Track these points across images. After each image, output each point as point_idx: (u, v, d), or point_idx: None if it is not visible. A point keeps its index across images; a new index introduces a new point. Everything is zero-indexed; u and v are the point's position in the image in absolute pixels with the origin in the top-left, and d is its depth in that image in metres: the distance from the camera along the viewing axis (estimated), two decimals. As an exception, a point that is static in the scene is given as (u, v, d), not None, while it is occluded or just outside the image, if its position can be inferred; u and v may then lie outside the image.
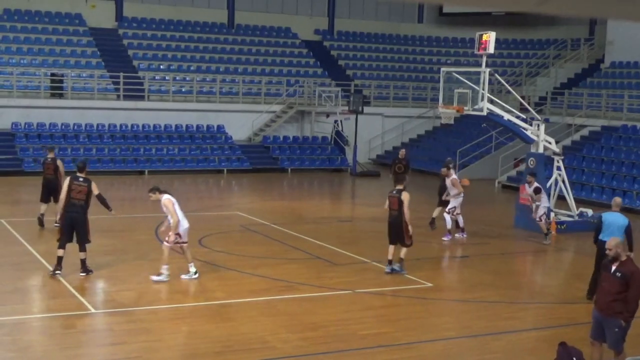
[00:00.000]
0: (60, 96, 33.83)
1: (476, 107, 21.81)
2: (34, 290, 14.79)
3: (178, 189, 28.59)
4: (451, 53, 45.07)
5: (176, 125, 34.48)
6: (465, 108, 22.11)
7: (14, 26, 36.24)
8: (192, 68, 37.92)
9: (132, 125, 33.73)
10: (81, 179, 15.32)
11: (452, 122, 24.29)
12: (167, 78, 36.42)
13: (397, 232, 15.80)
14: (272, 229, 20.68)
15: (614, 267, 10.05)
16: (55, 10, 37.84)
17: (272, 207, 24.97)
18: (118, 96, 34.73)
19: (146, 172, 31.63)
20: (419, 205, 26.35)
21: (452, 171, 20.68)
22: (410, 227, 15.69)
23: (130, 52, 37.64)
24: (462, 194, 20.26)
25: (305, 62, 40.96)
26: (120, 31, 38.96)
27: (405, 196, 15.66)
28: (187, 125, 34.60)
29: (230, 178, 32.17)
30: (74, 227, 15.08)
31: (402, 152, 27.82)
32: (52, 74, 33.88)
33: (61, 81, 33.92)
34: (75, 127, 32.76)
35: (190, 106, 35.34)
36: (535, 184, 20.47)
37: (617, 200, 14.62)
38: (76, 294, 13.93)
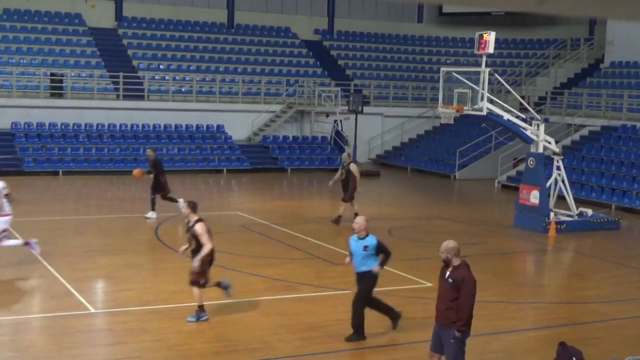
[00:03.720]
0: (60, 96, 33.82)
1: (476, 107, 21.81)
2: (34, 290, 14.79)
3: (178, 189, 28.59)
4: (451, 53, 45.08)
5: (176, 125, 34.48)
6: (465, 108, 22.12)
7: (13, 26, 36.23)
8: (191, 68, 37.92)
9: (132, 125, 33.73)
10: None
11: (452, 122, 24.29)
12: (166, 78, 36.42)
13: None
14: (272, 229, 20.68)
15: (447, 273, 9.52)
16: (55, 10, 37.84)
17: (271, 207, 24.98)
18: (118, 96, 34.72)
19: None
20: (419, 206, 26.40)
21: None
22: None
23: (130, 52, 37.64)
24: None
25: (304, 62, 40.97)
26: (120, 31, 38.97)
27: None
28: (186, 125, 34.60)
29: (229, 178, 32.18)
30: None
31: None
32: (52, 74, 33.87)
33: (61, 81, 33.91)
34: (75, 127, 32.77)
35: (189, 106, 35.34)
36: None
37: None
38: (76, 293, 13.93)
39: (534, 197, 21.98)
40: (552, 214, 22.01)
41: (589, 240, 21.21)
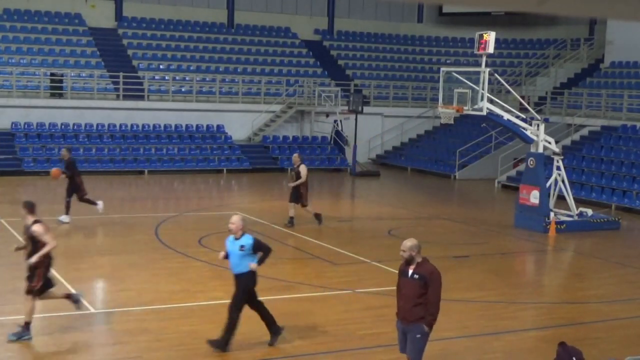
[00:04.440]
0: (60, 96, 33.82)
1: (476, 107, 21.81)
2: (34, 290, 14.77)
3: (178, 189, 28.63)
4: (451, 53, 45.09)
5: (176, 125, 34.48)
6: (465, 108, 22.13)
7: (13, 26, 36.23)
8: (191, 68, 37.92)
9: (132, 125, 33.73)
10: None
11: (452, 122, 24.29)
12: (166, 78, 36.42)
13: None
14: (272, 229, 20.67)
15: (411, 271, 9.47)
16: (55, 10, 37.83)
17: (271, 207, 24.96)
18: (118, 96, 34.72)
19: (146, 172, 31.63)
20: (419, 206, 26.39)
21: None
22: None
23: (130, 52, 37.64)
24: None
25: (304, 62, 40.97)
26: (120, 31, 38.96)
27: None
28: (186, 125, 34.59)
29: (229, 178, 32.18)
30: None
31: None
32: (52, 74, 33.87)
33: (61, 81, 33.91)
34: (75, 127, 32.76)
35: (189, 106, 35.34)
36: None
37: None
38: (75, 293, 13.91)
39: (534, 197, 21.98)
40: (552, 214, 22.01)
41: (589, 241, 21.20)
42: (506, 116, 22.08)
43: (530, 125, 22.35)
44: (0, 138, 31.42)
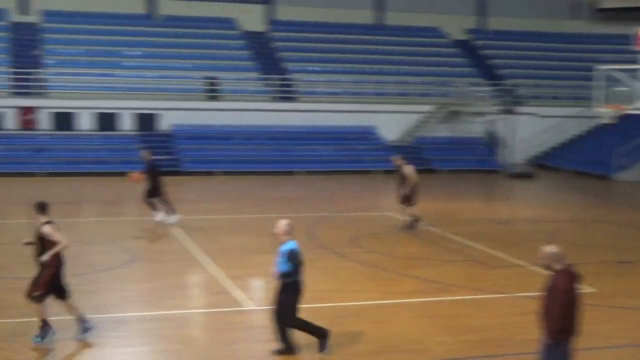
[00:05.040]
0: (217, 99, 34.87)
1: (638, 105, 20.85)
2: (196, 286, 15.26)
3: (329, 189, 28.88)
4: (608, 50, 43.26)
5: (327, 126, 34.81)
6: (626, 107, 21.20)
7: (175, 32, 37.61)
8: (342, 69, 38.18)
9: (285, 127, 34.32)
10: None
11: (615, 121, 23.31)
12: (318, 80, 36.84)
13: None
14: (425, 230, 20.47)
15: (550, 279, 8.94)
16: (210, 16, 39.02)
17: (424, 208, 24.70)
18: (270, 98, 35.43)
19: (298, 173, 32.13)
20: (577, 208, 25.45)
21: None
22: None
23: (282, 55, 38.31)
24: None
25: (456, 61, 40.44)
26: (272, 34, 39.72)
27: None
28: (337, 126, 34.86)
29: (381, 179, 32.15)
30: None
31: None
32: (208, 78, 34.99)
33: (216, 84, 34.98)
34: (232, 128, 33.66)
35: (340, 107, 35.59)
36: None
37: None
38: (237, 290, 14.25)
39: None
40: None
41: None
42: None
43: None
44: (161, 139, 32.74)
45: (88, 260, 16.70)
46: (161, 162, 31.28)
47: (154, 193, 20.45)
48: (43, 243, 11.03)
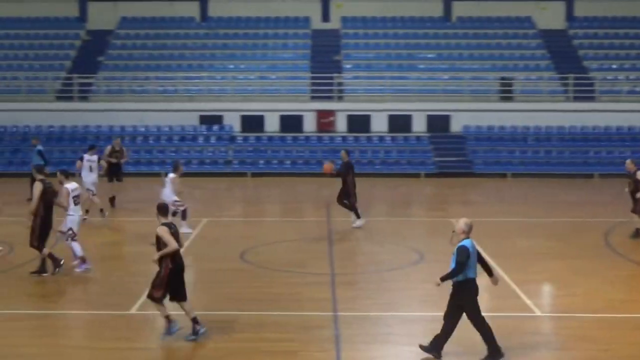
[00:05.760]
0: (510, 99, 34.25)
1: None
2: (482, 289, 15.04)
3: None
4: None
5: (629, 127, 32.84)
6: None
7: (470, 33, 37.48)
8: (646, 66, 35.78)
9: (582, 128, 32.89)
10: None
11: None
12: (619, 78, 34.89)
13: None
14: None
15: None
16: (504, 15, 38.37)
17: None
18: (567, 98, 34.15)
19: (596, 176, 30.67)
20: None
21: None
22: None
23: (581, 53, 36.71)
24: None
25: None
26: (571, 32, 38.19)
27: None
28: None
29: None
30: None
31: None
32: (502, 78, 34.48)
33: (510, 84, 34.37)
34: (524, 129, 32.90)
35: (642, 107, 33.34)
36: None
37: None
38: (521, 295, 13.87)
39: None
40: None
41: None
42: None
43: None
44: (452, 141, 32.81)
45: (377, 258, 17.14)
46: (452, 163, 31.54)
47: (345, 196, 20.03)
48: (159, 244, 11.29)
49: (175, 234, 11.36)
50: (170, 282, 11.30)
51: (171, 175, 18.67)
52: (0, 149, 32.51)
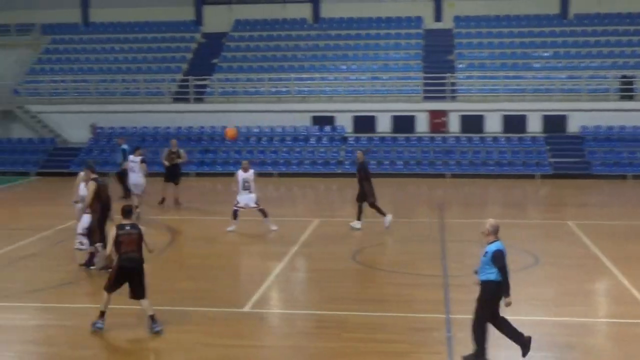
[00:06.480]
0: (630, 98, 33.06)
1: None
2: (601, 294, 14.58)
3: None
4: None
5: None
6: None
7: (588, 31, 36.41)
8: None
9: None
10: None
11: None
12: None
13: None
14: None
15: None
16: (627, 12, 37.05)
17: None
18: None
19: None
20: None
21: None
22: None
23: None
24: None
25: None
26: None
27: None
28: None
29: None
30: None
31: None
32: (623, 76, 33.33)
33: (631, 83, 33.18)
34: (642, 130, 31.76)
35: None
36: None
37: None
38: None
39: None
40: None
41: None
42: None
43: None
44: (569, 141, 31.93)
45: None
46: (569, 164, 30.65)
47: (363, 197, 19.70)
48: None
49: (126, 234, 11.81)
50: (118, 280, 11.89)
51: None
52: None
